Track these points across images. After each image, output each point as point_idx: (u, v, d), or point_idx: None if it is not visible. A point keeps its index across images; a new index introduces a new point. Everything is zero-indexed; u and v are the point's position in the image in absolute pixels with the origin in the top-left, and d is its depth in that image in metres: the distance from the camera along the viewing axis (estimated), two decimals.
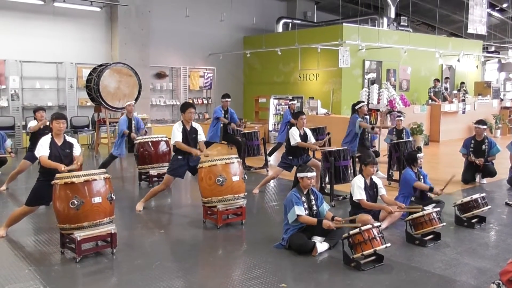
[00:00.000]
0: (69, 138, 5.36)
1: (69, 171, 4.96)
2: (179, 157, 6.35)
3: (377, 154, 9.41)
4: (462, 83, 16.96)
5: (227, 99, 9.53)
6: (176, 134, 6.22)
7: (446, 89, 15.80)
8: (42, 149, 5.11)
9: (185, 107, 6.39)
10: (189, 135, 6.32)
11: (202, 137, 6.46)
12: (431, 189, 6.11)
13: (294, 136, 7.15)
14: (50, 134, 5.26)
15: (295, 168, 6.03)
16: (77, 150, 5.35)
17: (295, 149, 7.23)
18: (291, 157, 7.29)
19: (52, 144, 5.16)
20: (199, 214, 6.15)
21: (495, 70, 27.11)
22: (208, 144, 9.48)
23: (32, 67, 12.91)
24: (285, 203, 5.10)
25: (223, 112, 9.49)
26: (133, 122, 8.83)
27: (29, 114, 11.75)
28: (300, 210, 4.93)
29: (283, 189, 8.06)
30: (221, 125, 9.46)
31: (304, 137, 7.23)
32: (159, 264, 4.68)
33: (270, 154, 10.69)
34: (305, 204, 5.03)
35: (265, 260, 4.76)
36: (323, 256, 4.85)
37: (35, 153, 5.24)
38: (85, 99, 13.11)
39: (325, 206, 5.21)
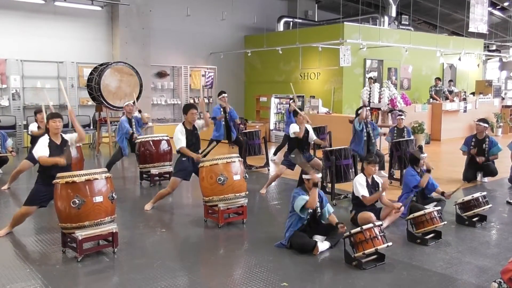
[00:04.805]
0: (65, 136, 5.37)
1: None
2: (184, 159, 6.36)
3: (380, 157, 9.41)
4: (450, 80, 16.99)
5: (223, 95, 9.51)
6: (180, 139, 6.23)
7: (450, 92, 15.67)
8: (41, 149, 5.10)
9: (187, 108, 6.41)
10: (193, 135, 6.35)
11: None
12: (442, 193, 6.14)
13: (295, 128, 7.18)
14: (47, 134, 5.25)
15: (297, 168, 6.02)
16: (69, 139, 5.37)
17: (294, 145, 7.24)
18: (293, 156, 7.29)
19: (51, 144, 5.16)
20: (200, 213, 6.15)
21: (496, 69, 27.13)
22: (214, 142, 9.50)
23: (33, 67, 12.91)
24: (291, 199, 5.07)
25: (221, 110, 9.46)
26: (133, 121, 8.85)
27: (30, 113, 11.77)
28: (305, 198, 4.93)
29: (284, 188, 8.07)
30: (223, 123, 9.46)
31: (304, 134, 7.25)
32: (160, 263, 4.68)
33: (275, 153, 10.69)
34: None
35: (267, 259, 4.77)
36: (325, 255, 4.85)
37: (33, 153, 5.22)
38: (86, 98, 13.12)
39: (329, 208, 5.20)
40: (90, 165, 9.65)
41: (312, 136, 7.37)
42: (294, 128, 7.17)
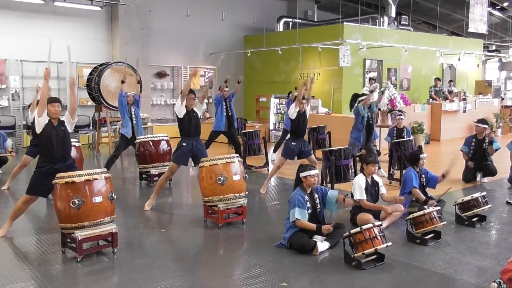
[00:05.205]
0: (62, 117, 5.41)
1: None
2: (184, 143, 6.40)
3: (378, 153, 9.42)
4: (450, 81, 17.00)
5: (225, 89, 9.66)
6: (179, 106, 6.34)
7: (450, 92, 15.65)
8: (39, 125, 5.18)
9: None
10: (191, 116, 6.41)
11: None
12: (426, 201, 6.05)
13: (293, 108, 7.25)
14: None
15: (296, 165, 6.01)
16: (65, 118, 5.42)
17: (295, 128, 7.31)
18: (294, 143, 7.36)
19: (49, 123, 5.20)
20: (200, 213, 6.15)
21: (495, 69, 27.17)
22: (215, 134, 9.53)
23: (33, 67, 12.86)
24: (289, 200, 5.08)
25: (222, 98, 9.60)
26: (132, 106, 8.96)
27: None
28: (300, 214, 4.91)
29: (284, 188, 8.07)
30: (224, 113, 9.51)
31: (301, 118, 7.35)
32: (160, 263, 4.68)
33: (275, 150, 10.69)
34: (308, 203, 5.01)
35: (266, 259, 4.77)
36: (324, 255, 4.85)
37: (35, 123, 5.22)
38: (85, 98, 13.11)
39: (332, 192, 5.18)
40: (90, 165, 9.65)
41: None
42: (294, 109, 7.22)
